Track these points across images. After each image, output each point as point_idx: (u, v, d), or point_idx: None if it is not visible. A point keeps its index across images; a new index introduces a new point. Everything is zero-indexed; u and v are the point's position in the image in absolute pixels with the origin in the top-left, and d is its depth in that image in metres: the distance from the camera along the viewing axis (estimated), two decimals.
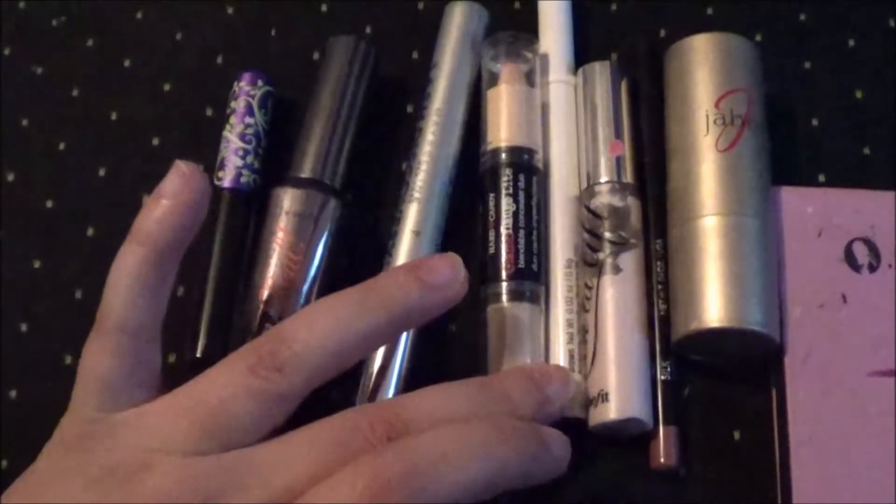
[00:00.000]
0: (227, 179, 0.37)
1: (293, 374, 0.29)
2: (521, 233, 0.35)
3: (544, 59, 0.39)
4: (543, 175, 0.37)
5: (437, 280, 0.31)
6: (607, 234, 0.35)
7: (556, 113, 0.38)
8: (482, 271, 0.35)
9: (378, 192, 0.38)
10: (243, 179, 0.37)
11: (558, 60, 0.39)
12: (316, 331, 0.30)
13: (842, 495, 0.33)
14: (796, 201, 0.37)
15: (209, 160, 0.38)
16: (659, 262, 0.36)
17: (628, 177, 0.36)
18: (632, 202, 0.36)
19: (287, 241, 0.35)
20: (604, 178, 0.36)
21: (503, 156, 0.36)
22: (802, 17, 0.42)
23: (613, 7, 0.42)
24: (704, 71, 0.36)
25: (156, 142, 0.39)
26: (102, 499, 0.27)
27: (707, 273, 0.34)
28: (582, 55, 0.40)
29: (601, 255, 0.35)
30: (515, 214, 0.35)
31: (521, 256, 0.35)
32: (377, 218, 0.38)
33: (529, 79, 0.38)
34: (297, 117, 0.38)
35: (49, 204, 0.39)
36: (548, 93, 0.39)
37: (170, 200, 0.30)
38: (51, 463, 0.29)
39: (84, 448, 0.29)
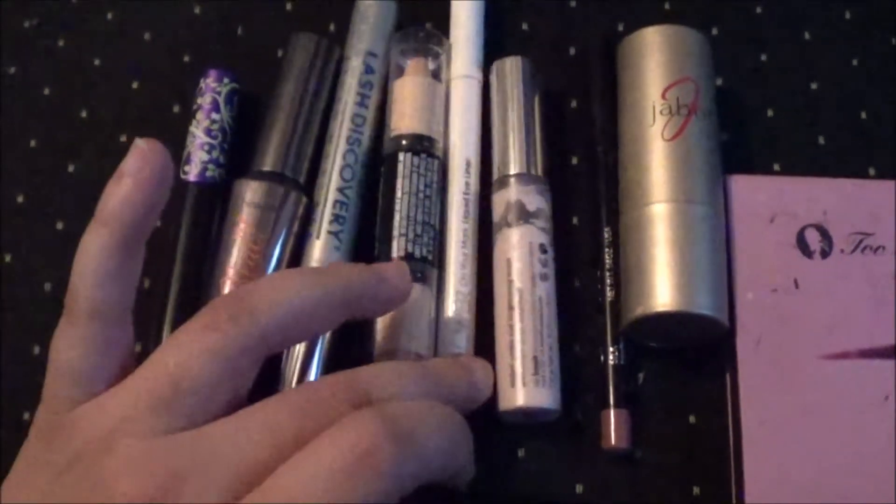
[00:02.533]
0: (192, 174, 0.38)
1: (250, 326, 0.28)
2: (415, 215, 0.36)
3: (452, 54, 0.40)
4: (442, 164, 0.38)
5: (389, 274, 0.32)
6: (497, 221, 0.36)
7: (460, 107, 0.39)
8: (379, 250, 0.36)
9: None
10: (209, 174, 0.38)
11: (466, 57, 0.40)
12: (274, 290, 0.29)
13: (794, 477, 0.33)
14: (748, 189, 0.37)
15: (176, 155, 0.38)
16: (608, 250, 0.37)
17: (539, 170, 0.37)
18: (527, 192, 0.36)
19: (248, 232, 0.35)
20: (513, 171, 0.37)
21: (403, 142, 0.37)
22: (758, 10, 0.42)
23: (573, 3, 0.43)
24: (652, 63, 0.37)
25: (123, 138, 0.40)
26: (71, 488, 0.27)
27: (655, 259, 0.34)
28: (541, 51, 0.41)
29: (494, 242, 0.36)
30: (409, 198, 0.36)
31: (414, 239, 0.36)
32: None
33: (435, 73, 0.39)
34: (263, 113, 0.38)
35: (20, 199, 0.40)
36: (454, 87, 0.39)
37: (131, 178, 0.29)
38: (26, 456, 0.29)
39: (53, 439, 0.28)
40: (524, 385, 0.34)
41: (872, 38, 0.42)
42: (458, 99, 0.39)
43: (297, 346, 0.34)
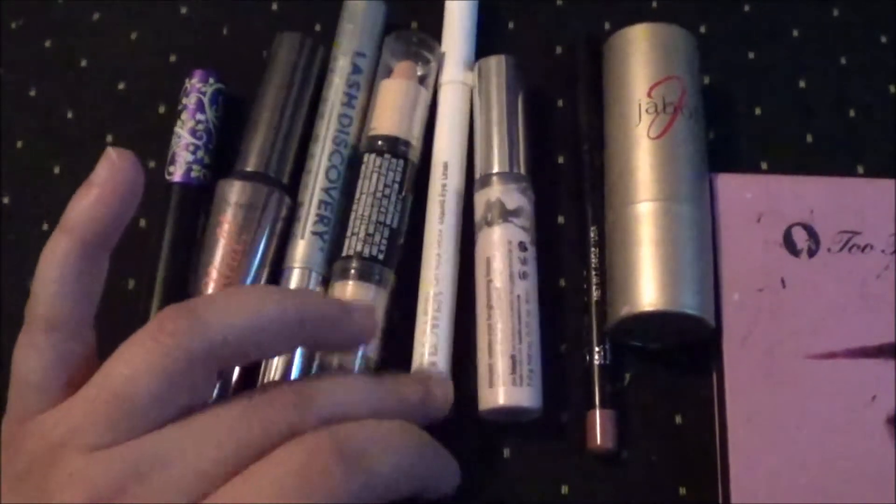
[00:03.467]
0: (177, 174, 0.38)
1: (195, 341, 0.27)
2: (369, 215, 0.36)
3: (443, 58, 0.40)
4: (414, 166, 0.38)
5: (355, 307, 0.32)
6: (478, 221, 0.36)
7: (447, 110, 0.39)
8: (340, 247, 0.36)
9: None
10: (193, 174, 0.38)
11: (457, 61, 0.40)
12: (228, 305, 0.29)
13: (780, 476, 0.33)
14: (734, 187, 0.37)
15: (161, 156, 0.38)
16: (594, 249, 0.37)
17: (521, 168, 0.37)
18: (509, 190, 0.36)
19: (232, 232, 0.35)
20: (495, 170, 0.37)
21: (379, 143, 0.37)
22: (746, 8, 0.42)
23: (560, 2, 0.43)
24: (638, 61, 0.37)
25: (109, 139, 0.40)
26: (23, 499, 0.27)
27: (641, 258, 0.34)
28: (526, 50, 0.41)
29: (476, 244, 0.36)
30: (366, 198, 0.36)
31: (364, 238, 0.35)
32: None
33: (423, 79, 0.39)
34: (248, 114, 0.38)
35: (6, 200, 0.40)
36: (444, 92, 0.39)
37: (98, 189, 0.29)
38: None
39: (9, 451, 0.28)
40: (503, 384, 0.33)
41: (860, 36, 0.42)
42: (446, 103, 0.39)
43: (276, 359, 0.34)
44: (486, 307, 0.35)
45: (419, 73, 0.39)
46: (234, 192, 0.36)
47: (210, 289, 0.34)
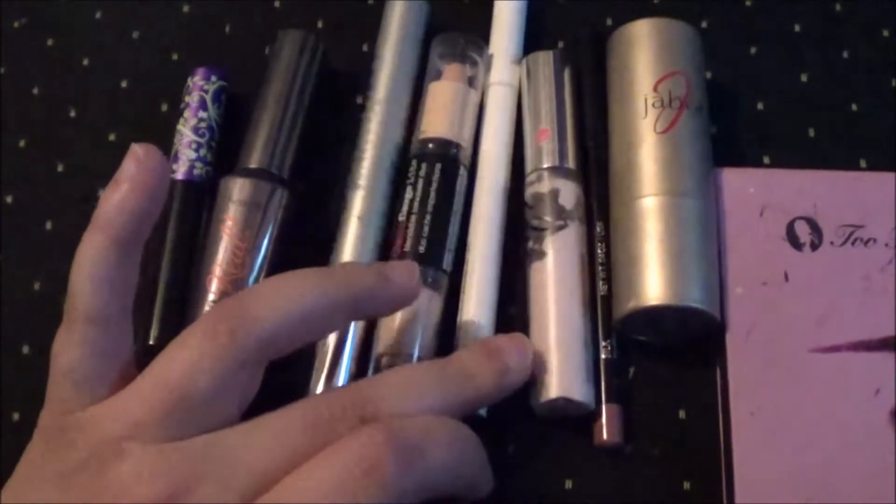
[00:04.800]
0: (180, 172, 0.38)
1: (250, 336, 0.28)
2: (419, 219, 0.36)
3: (490, 60, 0.40)
4: (468, 169, 0.38)
5: (395, 275, 0.32)
6: (533, 221, 0.36)
7: (494, 113, 0.39)
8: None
9: (327, 182, 0.39)
10: (196, 171, 0.38)
11: (504, 63, 0.40)
12: (276, 296, 0.29)
13: (783, 470, 0.33)
14: (738, 182, 0.37)
15: (164, 154, 0.38)
16: (600, 244, 0.37)
17: (555, 161, 0.37)
18: (562, 185, 0.37)
19: (235, 229, 0.35)
20: (530, 167, 0.37)
21: (430, 145, 0.37)
22: (748, 2, 0.42)
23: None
24: (643, 56, 0.37)
25: (112, 137, 0.40)
26: (79, 494, 0.27)
27: (647, 252, 0.34)
28: (530, 46, 0.41)
29: (529, 244, 0.36)
30: (420, 200, 0.36)
31: (420, 242, 0.35)
32: (326, 207, 0.38)
33: (471, 80, 0.39)
34: (250, 111, 0.38)
35: (9, 199, 0.40)
36: (490, 93, 0.39)
37: (127, 184, 0.29)
38: (29, 461, 0.29)
39: (58, 444, 0.28)
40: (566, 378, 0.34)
41: (862, 31, 0.42)
42: (494, 104, 0.39)
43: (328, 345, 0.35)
44: (580, 304, 0.35)
45: (468, 75, 0.39)
46: (237, 189, 0.36)
47: (213, 286, 0.35)
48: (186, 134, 0.38)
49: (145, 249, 0.31)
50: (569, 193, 0.37)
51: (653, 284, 0.34)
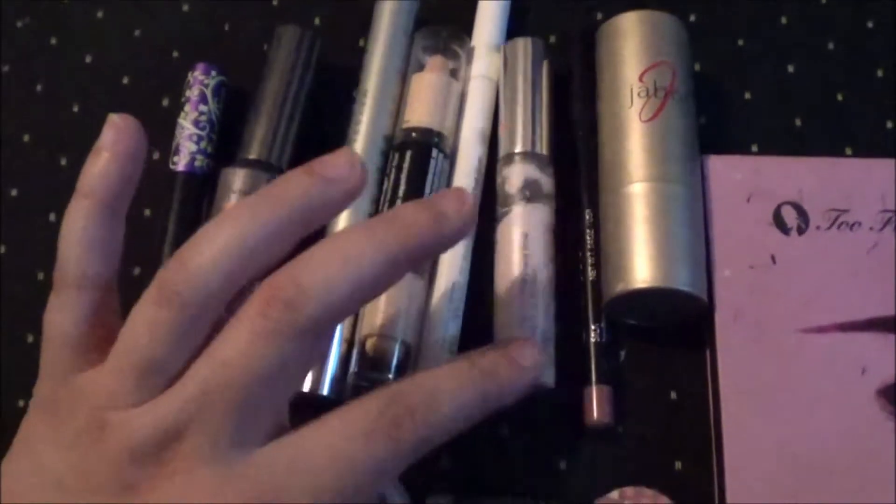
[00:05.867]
0: (181, 164, 0.39)
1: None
2: (393, 205, 0.37)
3: (472, 52, 0.41)
4: (448, 157, 0.39)
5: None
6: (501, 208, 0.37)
7: (473, 105, 0.40)
8: None
9: None
10: (197, 164, 0.39)
11: (486, 55, 0.41)
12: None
13: (773, 449, 0.34)
14: (725, 168, 0.38)
15: (165, 147, 0.39)
16: (589, 231, 0.37)
17: (508, 149, 0.38)
18: (508, 172, 0.38)
19: None
20: (502, 153, 0.38)
21: (413, 134, 0.38)
22: None
23: None
24: (630, 47, 0.38)
25: None
26: (79, 463, 0.27)
27: (634, 237, 0.35)
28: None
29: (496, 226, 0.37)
30: (404, 187, 0.37)
31: None
32: None
33: (454, 72, 0.40)
34: (249, 105, 0.39)
35: (14, 192, 0.41)
36: (472, 86, 0.40)
37: (108, 151, 0.30)
38: (28, 429, 0.29)
39: (53, 413, 0.28)
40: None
41: (847, 21, 0.43)
42: (474, 95, 0.40)
43: None
44: (520, 281, 0.36)
45: (450, 67, 0.40)
46: (236, 180, 0.37)
47: None
48: (187, 127, 0.39)
49: (137, 235, 0.31)
50: (515, 178, 0.37)
51: (641, 267, 0.35)
